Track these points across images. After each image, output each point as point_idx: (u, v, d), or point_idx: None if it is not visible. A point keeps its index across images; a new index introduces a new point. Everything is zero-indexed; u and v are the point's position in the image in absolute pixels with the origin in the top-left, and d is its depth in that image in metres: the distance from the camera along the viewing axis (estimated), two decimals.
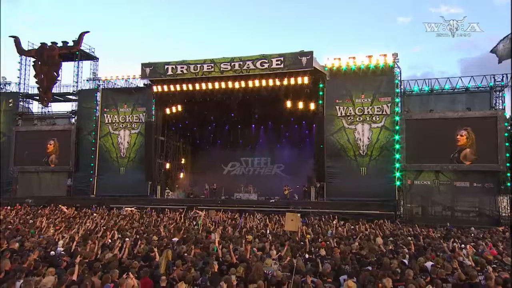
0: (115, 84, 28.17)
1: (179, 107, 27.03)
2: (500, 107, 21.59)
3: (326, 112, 23.50)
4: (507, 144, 20.51)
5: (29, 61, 30.27)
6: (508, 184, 20.57)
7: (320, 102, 23.80)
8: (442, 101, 22.81)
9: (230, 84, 23.84)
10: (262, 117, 28.13)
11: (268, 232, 13.87)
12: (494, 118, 20.78)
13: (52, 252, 9.15)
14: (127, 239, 10.86)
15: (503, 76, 21.46)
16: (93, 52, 29.90)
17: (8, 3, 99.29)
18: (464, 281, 7.48)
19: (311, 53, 22.45)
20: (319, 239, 12.25)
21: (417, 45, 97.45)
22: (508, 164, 20.34)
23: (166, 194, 26.82)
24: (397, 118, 22.45)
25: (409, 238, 13.08)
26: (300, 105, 24.88)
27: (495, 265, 8.87)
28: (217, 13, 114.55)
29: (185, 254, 9.24)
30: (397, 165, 22.10)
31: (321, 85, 23.65)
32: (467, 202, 21.27)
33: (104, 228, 13.58)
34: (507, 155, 20.44)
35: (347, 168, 22.99)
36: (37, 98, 30.49)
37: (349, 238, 12.92)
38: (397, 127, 22.35)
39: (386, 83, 22.99)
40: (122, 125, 27.33)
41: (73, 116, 29.71)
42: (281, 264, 8.57)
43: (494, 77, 21.66)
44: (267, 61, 22.87)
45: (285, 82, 22.99)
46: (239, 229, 14.47)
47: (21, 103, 31.18)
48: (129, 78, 27.49)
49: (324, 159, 23.10)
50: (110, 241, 10.87)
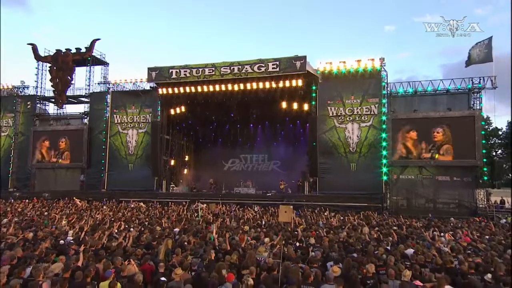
0: (124, 87, 28.18)
1: (183, 108, 26.94)
2: (478, 108, 21.57)
3: (318, 112, 23.45)
4: (483, 141, 20.55)
5: (46, 66, 30.28)
6: (485, 178, 20.64)
7: (313, 103, 23.72)
8: (425, 102, 22.78)
9: (229, 87, 23.72)
10: (260, 117, 28.10)
11: (263, 223, 13.87)
12: (472, 117, 20.83)
13: (62, 241, 9.13)
14: (132, 229, 10.89)
15: (480, 79, 21.46)
16: (103, 57, 29.86)
17: (26, 13, 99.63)
18: (441, 266, 7.50)
19: (304, 57, 22.34)
20: (310, 229, 12.24)
21: (403, 52, 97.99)
22: (484, 160, 20.41)
23: (171, 188, 26.73)
24: (384, 118, 22.43)
25: (394, 227, 13.13)
26: (295, 105, 24.76)
27: (469, 251, 8.89)
28: (218, 22, 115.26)
29: (185, 243, 9.25)
30: (384, 161, 22.09)
31: (314, 87, 23.59)
32: (448, 195, 21.28)
33: (112, 219, 13.64)
34: (484, 151, 20.52)
35: (338, 164, 22.95)
36: (53, 100, 30.45)
37: (338, 228, 12.96)
38: (384, 126, 22.34)
39: (373, 85, 22.96)
40: (130, 125, 27.29)
41: (85, 116, 29.64)
42: (272, 251, 8.59)
43: (472, 80, 21.64)
44: (263, 65, 22.77)
45: (281, 85, 22.95)
46: (234, 220, 14.49)
47: (38, 105, 31.18)
48: (136, 82, 27.45)
49: (317, 156, 23.04)
50: (116, 231, 10.86)
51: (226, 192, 25.68)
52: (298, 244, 9.81)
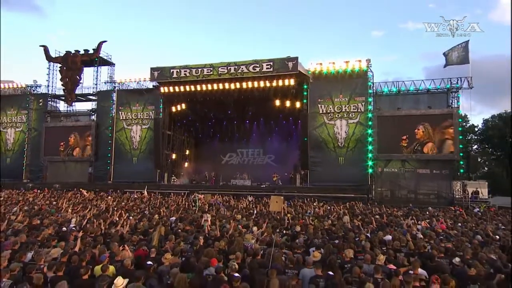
0: (128, 86, 27.99)
1: (183, 106, 26.85)
2: (455, 106, 21.64)
3: (309, 109, 23.37)
4: (460, 137, 20.54)
5: (56, 66, 30.00)
6: (461, 170, 20.68)
7: (305, 101, 23.62)
8: (407, 100, 22.81)
9: (226, 86, 23.59)
10: (255, 114, 28.05)
11: (255, 212, 13.86)
12: (450, 115, 20.85)
13: (64, 228, 9.08)
14: (131, 217, 10.85)
15: (457, 80, 21.50)
16: (110, 58, 29.64)
17: (42, 18, 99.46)
18: (414, 251, 7.50)
19: (296, 58, 22.23)
20: (298, 218, 12.23)
21: (389, 55, 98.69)
22: (461, 154, 20.41)
23: (172, 180, 26.72)
24: (370, 115, 22.43)
25: (376, 216, 13.13)
26: (287, 103, 24.71)
27: (442, 237, 8.91)
28: (216, 25, 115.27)
29: (179, 230, 9.22)
30: (370, 155, 22.11)
31: (305, 86, 23.49)
32: (428, 186, 21.41)
33: (115, 208, 13.58)
34: (461, 146, 20.51)
35: (327, 158, 22.91)
36: (63, 98, 30.31)
37: (324, 217, 12.97)
38: (370, 123, 22.34)
39: (360, 85, 22.88)
40: (135, 121, 27.18)
41: (93, 113, 29.52)
42: (260, 238, 8.56)
43: (450, 81, 21.70)
44: (258, 65, 22.66)
45: (274, 84, 22.85)
46: (228, 209, 14.45)
47: (50, 103, 31.02)
48: (140, 81, 27.30)
49: (308, 150, 22.97)
50: (117, 219, 10.82)
51: (223, 183, 25.66)
52: (285, 231, 9.78)
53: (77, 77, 29.18)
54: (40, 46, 30.41)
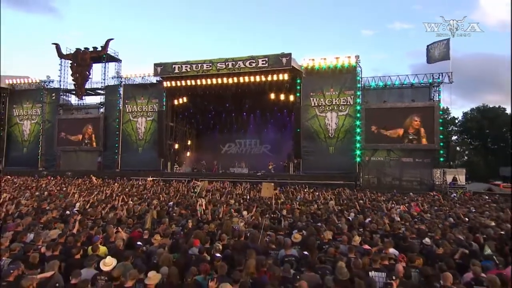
0: (134, 80, 27.80)
1: (185, 99, 26.62)
2: (437, 99, 21.45)
3: (302, 102, 23.20)
4: (441, 128, 20.43)
5: (67, 63, 29.69)
6: (441, 159, 20.62)
7: (298, 94, 23.43)
8: (393, 94, 22.62)
9: (225, 80, 23.38)
10: (252, 106, 27.85)
11: (248, 197, 13.80)
12: (432, 107, 20.72)
13: (68, 212, 9.07)
14: (130, 202, 10.81)
15: (439, 75, 21.29)
16: (117, 55, 29.29)
17: (53, 17, 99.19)
18: (389, 232, 7.47)
19: (290, 54, 21.96)
20: (286, 202, 12.17)
21: (378, 53, 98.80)
22: (441, 144, 20.34)
23: (175, 168, 26.68)
24: (358, 108, 22.26)
25: (361, 201, 13.08)
26: (282, 97, 24.46)
27: (416, 220, 8.88)
28: (215, 24, 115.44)
29: (174, 214, 9.19)
30: (358, 145, 22.01)
31: (298, 81, 23.28)
32: (411, 174, 21.42)
33: (119, 194, 13.54)
34: (441, 136, 20.43)
35: (318, 147, 22.85)
36: (74, 92, 30.09)
37: (312, 202, 12.90)
38: (358, 115, 22.19)
39: (350, 79, 22.68)
40: (140, 114, 27.06)
41: (101, 106, 29.35)
42: (248, 222, 8.52)
43: (432, 76, 21.49)
44: (254, 61, 22.39)
45: (269, 78, 22.60)
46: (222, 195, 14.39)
47: (62, 97, 30.77)
48: (144, 76, 27.05)
49: (301, 141, 22.90)
50: (118, 204, 10.78)
51: (222, 172, 25.64)
52: (272, 215, 9.74)
53: (87, 72, 28.85)
54: (53, 44, 30.11)
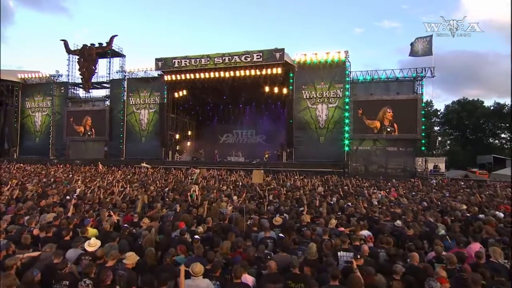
0: (137, 74, 27.46)
1: (185, 92, 26.34)
2: (420, 92, 21.25)
3: (295, 95, 22.98)
4: (423, 119, 20.31)
5: (75, 58, 29.35)
6: (423, 148, 20.56)
7: (290, 87, 23.19)
8: (379, 87, 22.35)
9: (222, 74, 23.11)
10: (247, 99, 27.52)
11: (241, 184, 13.76)
12: (415, 100, 20.56)
13: (68, 197, 9.03)
14: (128, 188, 10.77)
15: (422, 69, 21.05)
16: (121, 50, 28.89)
17: (64, 16, 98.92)
18: (364, 215, 7.46)
19: (283, 49, 21.65)
20: (275, 188, 12.13)
21: (368, 49, 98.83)
22: (423, 134, 20.26)
23: (176, 157, 26.62)
24: (347, 100, 22.06)
25: (345, 187, 13.03)
26: (275, 90, 24.18)
27: (392, 204, 8.86)
28: (213, 21, 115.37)
29: (167, 199, 9.16)
30: (346, 135, 21.91)
31: (291, 74, 23.00)
32: (395, 162, 21.37)
33: (119, 180, 13.49)
34: (423, 127, 20.34)
35: (310, 137, 22.75)
36: (81, 86, 29.84)
37: (299, 188, 12.85)
38: (347, 107, 22.00)
39: (339, 73, 22.44)
40: (143, 106, 26.89)
41: (107, 99, 29.12)
42: (237, 206, 8.48)
43: (416, 70, 21.24)
44: (249, 56, 22.09)
45: (264, 72, 22.35)
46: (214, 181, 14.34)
47: (70, 90, 30.53)
48: (147, 70, 26.71)
49: (293, 131, 22.80)
50: (117, 189, 10.73)
51: (220, 160, 25.59)
52: (260, 200, 9.71)
53: (93, 67, 28.53)
54: (61, 40, 29.69)
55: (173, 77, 24.37)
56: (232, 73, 22.98)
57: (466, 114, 38.27)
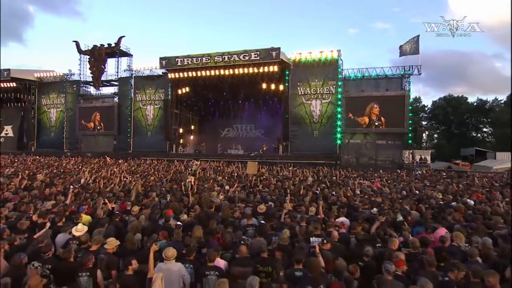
0: (143, 73, 27.33)
1: (188, 89, 26.24)
2: (407, 89, 21.01)
3: (290, 91, 22.78)
4: (410, 114, 20.08)
5: (86, 58, 29.27)
6: (409, 141, 20.37)
7: (286, 84, 22.97)
8: (369, 84, 22.07)
9: (222, 72, 22.94)
10: (246, 95, 27.34)
11: (236, 175, 13.71)
12: (403, 96, 20.34)
13: (71, 186, 9.05)
14: (130, 178, 10.79)
15: (410, 67, 20.78)
16: (128, 50, 28.68)
17: (79, 20, 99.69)
18: (345, 204, 7.40)
19: (279, 48, 21.46)
20: (266, 179, 12.07)
21: (362, 49, 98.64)
22: (410, 128, 20.06)
23: (180, 150, 26.63)
24: (339, 96, 21.84)
25: (334, 178, 12.92)
26: (272, 86, 24.03)
27: (372, 193, 8.79)
28: (213, 21, 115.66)
29: (163, 188, 9.14)
30: (339, 129, 21.76)
31: (287, 72, 22.78)
32: (384, 154, 21.26)
33: (122, 171, 13.50)
34: (410, 122, 20.09)
35: (304, 131, 22.61)
36: (92, 84, 29.77)
37: (290, 178, 12.76)
38: (339, 102, 21.81)
39: (332, 71, 22.18)
40: (148, 102, 26.80)
41: (115, 96, 29.05)
42: (228, 195, 8.44)
43: (404, 68, 20.96)
44: (247, 54, 21.94)
45: (261, 70, 22.20)
46: (212, 172, 14.31)
47: (82, 88, 30.47)
48: (152, 69, 26.58)
49: (289, 125, 22.69)
50: (118, 180, 10.74)
51: (220, 152, 25.56)
52: (250, 189, 9.67)
53: (102, 66, 28.42)
54: (73, 41, 29.57)
55: (177, 75, 24.27)
56: (231, 71, 22.78)
57: (451, 109, 38.47)
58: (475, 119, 39.00)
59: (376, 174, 14.63)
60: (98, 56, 28.46)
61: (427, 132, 36.19)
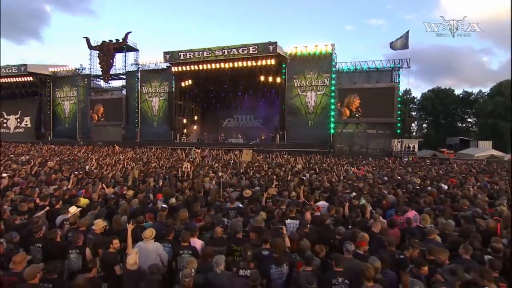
0: (149, 66, 27.11)
1: (190, 81, 25.99)
2: (396, 81, 20.63)
3: (287, 84, 22.52)
4: (399, 105, 19.76)
5: (95, 53, 29.03)
6: (398, 131, 20.15)
7: (283, 77, 22.69)
8: (361, 76, 21.73)
9: (222, 65, 22.64)
10: (245, 87, 27.08)
11: (232, 162, 13.69)
12: (392, 88, 20.00)
13: (76, 172, 9.14)
14: (132, 165, 10.83)
15: (399, 61, 20.37)
16: (135, 45, 28.30)
17: (92, 18, 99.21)
18: (327, 188, 7.38)
19: (276, 43, 21.02)
20: (259, 165, 11.99)
21: (358, 45, 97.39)
22: (399, 118, 19.81)
23: (183, 139, 26.65)
24: (333, 88, 21.53)
25: (324, 164, 12.85)
26: (270, 79, 23.68)
27: (356, 178, 8.74)
28: (214, 17, 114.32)
29: (161, 174, 9.16)
30: (332, 119, 21.55)
31: (283, 65, 22.46)
32: (375, 143, 21.14)
33: (127, 159, 13.49)
34: (399, 112, 19.83)
35: (300, 121, 22.45)
36: (101, 77, 29.63)
37: (283, 165, 12.72)
38: (332, 94, 21.51)
39: (326, 64, 21.79)
40: (154, 94, 26.68)
41: (123, 88, 28.92)
42: (218, 181, 8.41)
43: (394, 61, 20.53)
44: (246, 48, 21.57)
45: (259, 63, 21.86)
46: (210, 159, 14.31)
47: (93, 81, 30.40)
48: (157, 62, 26.33)
49: (285, 115, 22.53)
50: (120, 166, 10.78)
51: (221, 141, 25.55)
52: (241, 175, 9.65)
53: (111, 61, 28.11)
54: (83, 37, 29.26)
55: (180, 68, 24.01)
56: (231, 64, 22.48)
57: (438, 101, 38.32)
58: (461, 110, 39.03)
59: (364, 162, 14.53)
60: (107, 51, 28.17)
61: (416, 122, 35.82)
